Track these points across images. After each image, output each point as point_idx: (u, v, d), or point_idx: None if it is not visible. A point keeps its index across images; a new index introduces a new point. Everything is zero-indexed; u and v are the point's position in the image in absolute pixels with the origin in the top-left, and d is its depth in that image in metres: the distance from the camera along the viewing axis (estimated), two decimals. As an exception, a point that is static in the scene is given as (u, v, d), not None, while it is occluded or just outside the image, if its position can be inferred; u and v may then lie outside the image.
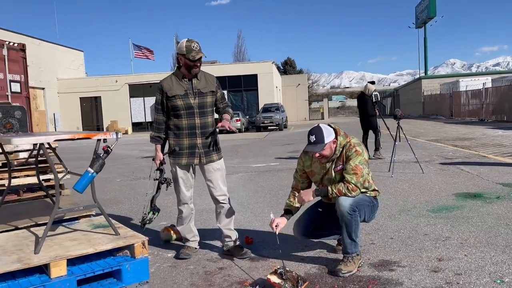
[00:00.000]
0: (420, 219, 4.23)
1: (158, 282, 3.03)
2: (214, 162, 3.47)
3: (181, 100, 3.35)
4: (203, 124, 3.41)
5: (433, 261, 3.12)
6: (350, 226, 2.95)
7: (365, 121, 9.36)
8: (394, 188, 5.88)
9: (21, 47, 8.36)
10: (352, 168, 2.96)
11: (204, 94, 3.41)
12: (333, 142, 3.04)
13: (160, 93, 3.42)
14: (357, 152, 3.00)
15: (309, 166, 3.24)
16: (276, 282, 2.69)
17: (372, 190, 3.19)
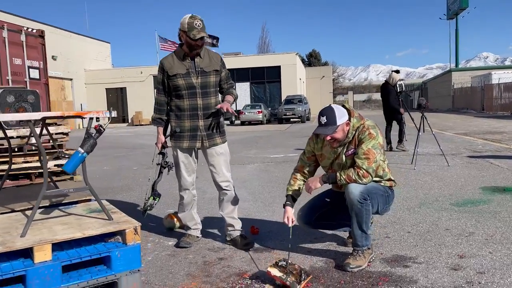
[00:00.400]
0: (442, 213, 3.92)
1: (153, 271, 2.86)
2: (217, 145, 3.26)
3: (182, 79, 3.15)
4: (205, 105, 3.20)
5: (453, 258, 2.82)
6: (361, 216, 2.69)
7: (389, 112, 8.95)
8: (416, 180, 5.54)
9: (40, 34, 8.35)
10: (364, 152, 2.70)
11: (207, 74, 3.20)
12: (346, 124, 2.77)
13: (161, 72, 3.23)
14: (370, 135, 2.73)
15: (319, 149, 2.99)
16: (277, 275, 2.47)
17: (388, 179, 2.91)
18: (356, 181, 2.68)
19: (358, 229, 2.73)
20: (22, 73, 7.90)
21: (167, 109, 3.31)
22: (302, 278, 2.45)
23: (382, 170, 2.87)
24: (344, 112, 2.79)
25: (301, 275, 2.46)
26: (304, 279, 2.46)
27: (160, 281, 2.68)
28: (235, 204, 3.36)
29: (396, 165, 6.91)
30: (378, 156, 2.72)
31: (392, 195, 2.96)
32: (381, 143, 2.76)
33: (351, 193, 2.66)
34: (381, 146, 2.75)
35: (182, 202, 3.37)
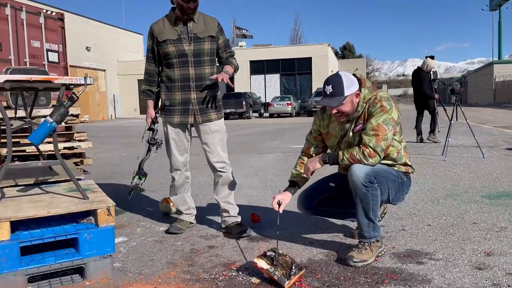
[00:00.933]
0: (470, 205, 3.44)
1: (133, 257, 2.57)
2: (211, 122, 2.93)
3: (173, 46, 2.82)
4: (198, 75, 2.86)
5: (479, 255, 2.39)
6: (366, 203, 2.29)
7: (420, 100, 8.34)
8: (445, 171, 5.03)
9: (59, 17, 8.24)
10: (373, 128, 2.29)
11: (201, 40, 2.85)
12: (355, 95, 2.37)
13: (150, 38, 2.91)
14: (382, 108, 2.32)
15: (325, 127, 2.61)
16: (264, 268, 2.12)
17: (403, 164, 2.49)
18: (360, 161, 2.28)
19: (364, 217, 2.33)
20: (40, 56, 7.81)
21: (158, 80, 3.00)
22: (292, 272, 2.09)
23: (396, 152, 2.45)
24: (354, 81, 2.38)
25: (292, 269, 2.10)
26: (294, 274, 2.10)
27: (137, 269, 2.39)
28: (231, 188, 3.03)
29: (425, 156, 6.40)
30: (390, 133, 2.31)
31: (407, 183, 2.54)
32: (395, 118, 2.34)
33: (354, 174, 2.27)
34: (394, 122, 2.34)
35: (173, 184, 3.06)
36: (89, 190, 2.71)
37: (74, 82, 2.42)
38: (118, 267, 2.42)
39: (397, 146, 2.45)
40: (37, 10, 7.73)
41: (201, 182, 4.85)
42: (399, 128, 2.44)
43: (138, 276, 2.29)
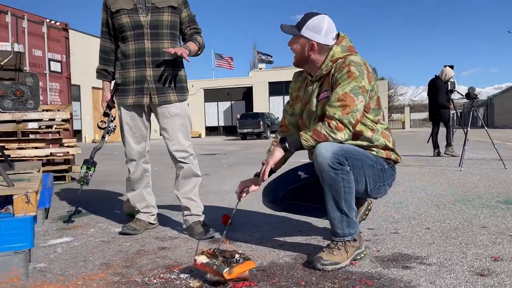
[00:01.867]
0: (482, 210, 2.92)
1: (65, 258, 2.17)
2: (170, 103, 2.54)
3: (127, 16, 2.47)
4: (155, 49, 2.49)
5: (483, 260, 1.88)
6: (337, 190, 1.83)
7: (435, 112, 7.79)
8: (458, 180, 4.48)
9: (63, 27, 8.17)
10: (339, 98, 1.87)
11: (160, 10, 2.49)
12: (310, 45, 1.98)
13: (104, 10, 2.57)
14: (350, 74, 1.89)
15: (296, 90, 2.22)
16: (204, 262, 1.69)
17: (383, 147, 2.04)
18: (327, 138, 1.84)
19: (335, 209, 1.87)
20: (41, 65, 7.70)
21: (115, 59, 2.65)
22: (235, 260, 1.66)
23: (371, 131, 2.00)
24: (320, 29, 1.97)
25: (234, 258, 1.67)
26: (237, 261, 1.65)
27: (61, 270, 1.98)
28: (194, 182, 2.61)
29: (439, 167, 5.84)
30: (360, 104, 1.87)
31: (390, 171, 2.08)
32: (366, 87, 1.91)
33: (319, 155, 1.82)
34: (365, 92, 1.90)
35: (129, 178, 2.67)
36: (25, 180, 2.36)
37: (-2, 48, 2.10)
38: (41, 267, 2.02)
39: (369, 125, 2.00)
40: (39, 19, 7.66)
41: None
42: (374, 104, 2.00)
43: (57, 277, 1.88)
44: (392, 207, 3.15)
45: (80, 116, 23.53)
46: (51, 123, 5.67)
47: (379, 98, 2.05)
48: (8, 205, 2.01)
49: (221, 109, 34.34)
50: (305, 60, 2.03)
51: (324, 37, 1.98)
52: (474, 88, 5.74)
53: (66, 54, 8.26)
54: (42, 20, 7.66)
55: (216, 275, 1.64)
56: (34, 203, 1.96)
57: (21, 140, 5.42)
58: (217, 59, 36.76)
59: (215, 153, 11.31)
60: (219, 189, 4.43)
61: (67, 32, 8.29)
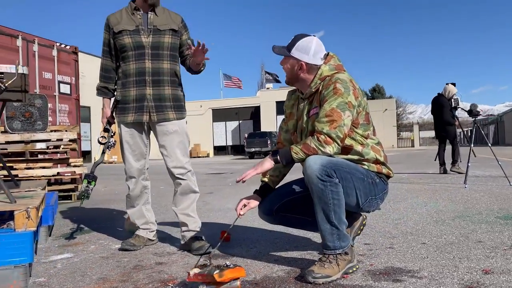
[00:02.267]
0: (480, 225, 2.92)
1: (65, 273, 2.22)
2: (169, 121, 2.62)
3: (129, 37, 2.57)
4: (155, 69, 2.59)
5: (474, 273, 1.89)
6: (326, 202, 1.87)
7: (441, 129, 7.79)
8: (461, 196, 4.47)
9: (73, 50, 8.40)
10: (326, 114, 1.93)
11: (161, 32, 2.60)
12: (299, 65, 2.07)
13: (106, 31, 2.67)
14: (336, 91, 1.95)
15: (290, 107, 2.31)
16: (196, 272, 1.74)
17: (374, 161, 2.08)
18: (316, 151, 1.90)
19: (325, 221, 1.90)
20: (51, 87, 7.90)
21: (115, 77, 2.75)
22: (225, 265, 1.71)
23: (361, 145, 2.05)
24: (308, 50, 2.06)
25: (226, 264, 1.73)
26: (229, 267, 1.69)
27: (59, 284, 2.03)
28: (192, 199, 2.66)
29: (444, 184, 5.82)
30: (347, 119, 1.94)
31: (381, 185, 2.11)
32: (353, 102, 1.97)
33: (308, 167, 1.87)
34: (351, 107, 1.96)
35: (128, 195, 2.74)
36: (27, 197, 2.43)
37: (3, 70, 2.21)
38: (40, 282, 2.07)
39: (359, 140, 2.05)
40: (50, 43, 7.88)
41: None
42: (363, 120, 2.05)
43: (55, 290, 1.93)
44: (391, 223, 3.16)
45: (90, 137, 23.85)
46: (59, 143, 5.79)
47: (368, 114, 2.11)
48: (11, 221, 2.08)
49: (229, 129, 34.55)
50: (295, 79, 2.10)
51: (312, 57, 2.05)
52: (477, 105, 5.76)
53: (75, 77, 8.46)
54: (53, 44, 7.88)
55: (207, 280, 1.67)
56: (35, 219, 2.02)
57: (29, 160, 5.54)
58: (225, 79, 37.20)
59: (222, 172, 11.37)
60: (222, 207, 4.47)
61: (77, 55, 8.51)
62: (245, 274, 1.80)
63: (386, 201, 4.22)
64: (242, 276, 1.74)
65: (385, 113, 39.02)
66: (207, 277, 1.66)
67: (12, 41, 6.99)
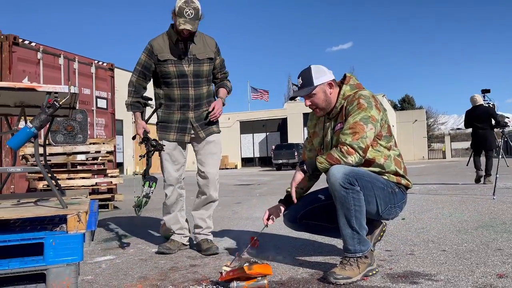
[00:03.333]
0: (502, 235, 2.99)
1: (109, 272, 2.45)
2: (213, 134, 2.98)
3: (173, 66, 2.83)
4: (197, 95, 2.89)
5: (489, 277, 2.00)
6: (348, 208, 2.03)
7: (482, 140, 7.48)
8: (487, 208, 4.49)
9: (109, 67, 8.86)
10: (350, 126, 2.11)
11: (200, 61, 2.87)
12: (328, 85, 2.24)
13: (148, 55, 2.88)
14: (359, 106, 2.13)
15: (313, 126, 2.49)
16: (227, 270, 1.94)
17: (394, 173, 2.23)
18: (339, 161, 2.07)
19: (347, 226, 2.06)
20: (90, 102, 8.35)
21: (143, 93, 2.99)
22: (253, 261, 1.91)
23: (383, 158, 2.20)
24: (324, 72, 2.25)
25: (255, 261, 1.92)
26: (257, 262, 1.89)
27: (105, 281, 2.26)
28: (212, 207, 3.01)
29: (473, 196, 5.81)
30: (370, 131, 2.10)
31: (400, 195, 2.26)
32: (376, 116, 2.14)
33: (332, 175, 2.04)
34: (375, 121, 2.13)
35: (165, 202, 2.97)
36: (75, 203, 2.69)
37: (58, 90, 2.49)
38: (88, 279, 2.31)
39: (383, 151, 2.21)
40: (89, 61, 8.35)
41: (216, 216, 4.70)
42: (385, 132, 2.21)
43: (103, 287, 2.16)
44: (413, 231, 3.26)
45: (122, 149, 24.60)
46: (97, 155, 6.15)
47: (389, 127, 2.26)
48: (62, 224, 2.33)
49: (256, 141, 34.83)
50: (328, 103, 2.26)
51: (330, 74, 2.25)
52: (504, 116, 5.75)
53: (111, 92, 8.90)
54: (91, 62, 8.35)
55: (237, 275, 1.86)
56: (84, 222, 2.27)
57: (70, 171, 5.91)
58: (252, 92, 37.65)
59: (249, 183, 11.56)
60: (250, 216, 4.65)
61: (113, 71, 8.96)
62: (272, 272, 1.97)
63: (410, 211, 4.31)
64: (269, 273, 1.91)
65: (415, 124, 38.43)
66: (238, 271, 1.84)
67: (55, 60, 7.47)
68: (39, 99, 2.59)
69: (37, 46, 6.95)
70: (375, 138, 2.17)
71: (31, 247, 2.27)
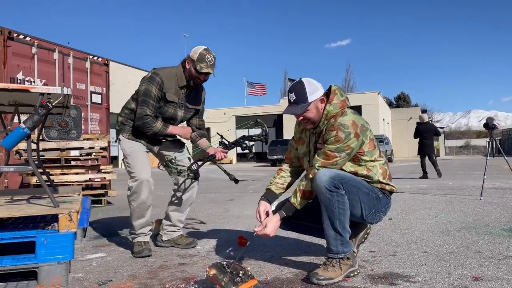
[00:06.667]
0: (483, 237, 3.08)
1: (99, 269, 2.52)
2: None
3: (173, 108, 2.94)
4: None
5: (464, 279, 2.08)
6: (332, 210, 2.11)
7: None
8: (473, 208, 4.59)
9: (104, 62, 8.87)
10: (325, 152, 2.21)
11: (189, 110, 3.04)
12: (320, 100, 2.27)
13: (158, 89, 2.82)
14: (337, 139, 2.17)
15: (300, 132, 2.52)
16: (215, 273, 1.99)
17: (377, 182, 2.30)
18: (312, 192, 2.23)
19: (330, 228, 2.14)
20: (84, 97, 8.36)
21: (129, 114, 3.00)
22: (239, 279, 1.94)
23: (366, 170, 2.27)
24: (317, 87, 2.29)
25: (239, 275, 1.95)
26: (243, 281, 1.94)
27: (95, 278, 2.33)
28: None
29: (461, 196, 5.92)
30: (342, 160, 2.20)
31: (385, 200, 2.33)
32: (351, 145, 2.18)
33: (318, 178, 2.12)
34: (350, 149, 2.18)
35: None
36: (67, 202, 2.75)
37: (51, 91, 2.53)
38: (79, 277, 2.37)
39: (366, 164, 2.28)
40: (83, 56, 8.36)
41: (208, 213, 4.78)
42: (367, 148, 2.25)
43: (92, 285, 2.23)
44: (398, 232, 3.35)
45: (118, 142, 24.59)
46: (91, 151, 6.19)
47: (372, 140, 2.30)
48: (54, 222, 2.39)
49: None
50: (319, 117, 2.29)
51: (321, 89, 2.29)
52: (493, 118, 5.86)
53: (106, 87, 8.92)
54: (86, 57, 8.35)
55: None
56: (76, 222, 2.33)
57: (64, 166, 5.95)
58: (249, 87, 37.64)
59: (244, 179, 11.64)
60: (241, 214, 4.72)
61: (108, 66, 8.97)
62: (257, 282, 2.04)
63: (398, 211, 4.40)
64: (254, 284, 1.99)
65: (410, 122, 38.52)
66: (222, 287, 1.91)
67: (49, 54, 7.47)
68: (32, 99, 2.65)
69: (32, 40, 6.95)
70: (357, 155, 2.25)
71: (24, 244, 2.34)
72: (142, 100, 2.80)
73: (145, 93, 2.80)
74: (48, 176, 3.64)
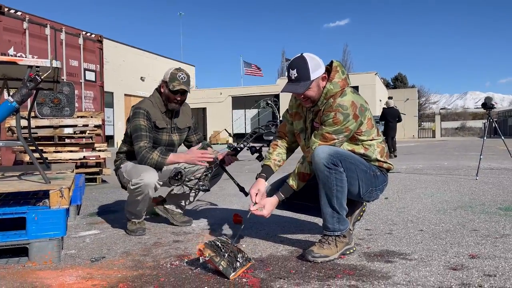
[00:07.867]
0: (479, 215, 3.06)
1: (93, 246, 2.48)
2: None
3: (166, 134, 2.92)
4: None
5: (461, 257, 2.07)
6: (329, 187, 2.07)
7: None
8: (469, 188, 4.58)
9: (98, 38, 8.68)
10: (322, 134, 2.15)
11: (182, 130, 3.03)
12: (322, 78, 2.17)
13: (147, 120, 2.79)
14: (335, 121, 2.10)
15: (296, 107, 2.42)
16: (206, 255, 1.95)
17: (374, 160, 2.26)
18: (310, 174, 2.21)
19: (327, 205, 2.10)
20: (77, 74, 8.21)
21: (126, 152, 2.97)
22: (239, 265, 1.90)
23: (364, 149, 2.22)
24: (319, 63, 2.18)
25: (238, 260, 1.92)
26: (242, 265, 1.91)
27: (88, 255, 2.29)
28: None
29: (457, 176, 5.91)
30: (339, 141, 2.15)
31: (382, 178, 2.29)
32: (350, 127, 2.12)
33: (316, 155, 2.07)
34: (348, 131, 2.13)
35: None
36: (59, 179, 2.70)
37: (39, 64, 2.45)
38: (71, 253, 2.34)
39: (364, 144, 2.23)
40: (76, 32, 8.17)
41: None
42: (365, 127, 2.20)
43: (84, 261, 2.19)
44: (394, 211, 3.33)
45: (113, 122, 24.42)
46: (85, 129, 6.11)
47: (370, 119, 2.23)
48: (45, 199, 2.34)
49: (248, 116, 34.75)
50: (319, 95, 2.19)
51: (323, 66, 2.18)
52: (491, 98, 5.81)
53: (100, 64, 8.75)
54: (79, 33, 8.16)
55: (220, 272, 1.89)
56: (67, 198, 2.28)
57: (58, 144, 5.87)
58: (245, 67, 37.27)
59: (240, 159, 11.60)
60: (237, 193, 4.67)
61: (101, 43, 8.78)
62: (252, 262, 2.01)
63: (394, 191, 4.38)
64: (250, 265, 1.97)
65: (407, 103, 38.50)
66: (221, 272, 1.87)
67: (41, 30, 7.29)
68: (21, 73, 2.56)
69: (23, 15, 6.77)
70: (354, 135, 2.19)
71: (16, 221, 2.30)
72: (135, 137, 2.76)
73: (135, 129, 2.76)
74: (40, 153, 3.58)
